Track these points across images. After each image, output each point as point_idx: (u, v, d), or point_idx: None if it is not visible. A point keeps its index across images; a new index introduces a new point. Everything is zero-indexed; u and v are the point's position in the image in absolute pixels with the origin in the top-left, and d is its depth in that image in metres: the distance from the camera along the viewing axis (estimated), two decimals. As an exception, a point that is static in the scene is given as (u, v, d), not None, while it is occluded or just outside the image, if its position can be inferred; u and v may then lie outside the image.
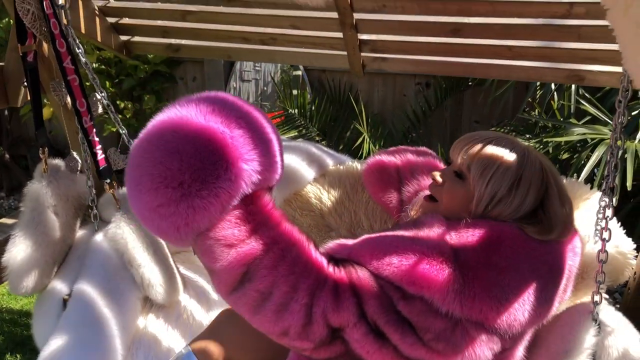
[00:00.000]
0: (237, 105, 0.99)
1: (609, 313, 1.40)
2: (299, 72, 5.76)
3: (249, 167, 0.94)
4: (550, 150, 2.61)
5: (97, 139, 1.72)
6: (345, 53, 2.03)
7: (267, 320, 1.02)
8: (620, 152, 1.52)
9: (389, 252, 1.07)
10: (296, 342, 1.04)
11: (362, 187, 1.95)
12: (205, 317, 1.88)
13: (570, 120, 2.75)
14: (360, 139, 3.28)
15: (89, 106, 1.68)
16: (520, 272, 1.07)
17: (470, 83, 3.45)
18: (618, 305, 1.60)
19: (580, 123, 2.70)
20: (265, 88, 5.58)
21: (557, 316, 1.48)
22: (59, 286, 1.73)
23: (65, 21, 1.64)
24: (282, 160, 1.03)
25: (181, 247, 1.00)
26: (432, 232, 1.12)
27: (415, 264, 1.04)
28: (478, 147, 1.17)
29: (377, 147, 3.26)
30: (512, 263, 1.06)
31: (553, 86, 2.94)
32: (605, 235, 1.31)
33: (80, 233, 1.84)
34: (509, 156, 1.15)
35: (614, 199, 1.56)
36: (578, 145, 2.67)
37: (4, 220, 2.20)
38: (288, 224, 1.04)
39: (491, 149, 1.16)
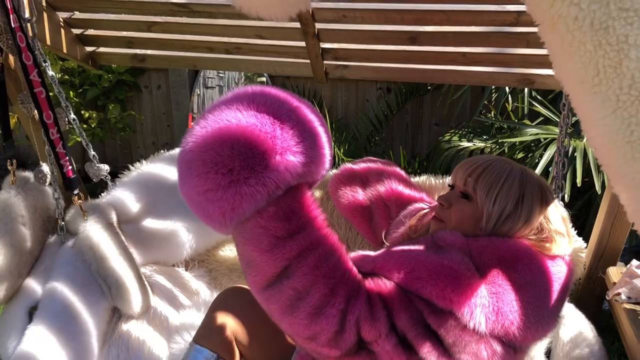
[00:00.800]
0: (286, 100, 1.04)
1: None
2: (264, 79, 5.82)
3: (296, 159, 0.98)
4: (506, 150, 2.72)
5: (64, 150, 1.75)
6: (308, 61, 2.10)
7: (300, 322, 1.02)
8: (570, 151, 1.63)
9: (417, 267, 1.12)
10: (324, 348, 1.06)
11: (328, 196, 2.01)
12: (176, 316, 1.91)
13: (525, 121, 2.88)
14: (326, 143, 3.34)
15: (56, 119, 1.71)
16: (536, 288, 1.12)
17: (429, 87, 3.56)
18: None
19: (534, 124, 2.83)
20: (228, 95, 5.59)
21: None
22: (24, 298, 1.72)
23: (31, 34, 1.66)
24: (330, 154, 1.07)
25: (223, 233, 1.01)
26: (454, 248, 1.16)
27: (445, 278, 1.08)
28: (480, 169, 1.24)
29: (342, 150, 3.33)
30: (529, 280, 1.12)
31: (507, 89, 3.06)
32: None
33: (46, 245, 1.86)
34: (510, 175, 1.22)
35: (565, 196, 1.66)
36: (532, 144, 2.79)
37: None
38: (330, 229, 1.06)
39: (493, 170, 1.23)
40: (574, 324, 1.47)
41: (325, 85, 3.79)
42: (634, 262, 1.59)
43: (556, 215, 1.25)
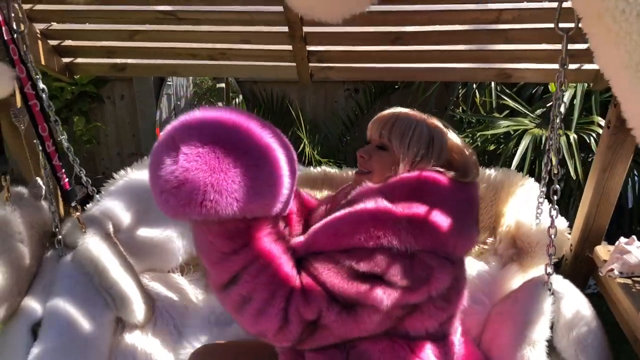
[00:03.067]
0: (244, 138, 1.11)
1: (558, 281, 1.58)
2: (222, 85, 5.79)
3: (233, 205, 1.06)
4: (479, 144, 2.83)
5: (59, 163, 1.72)
6: (294, 64, 2.13)
7: (247, 322, 1.18)
8: (552, 142, 1.72)
9: (339, 226, 1.23)
10: (275, 342, 1.21)
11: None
12: (179, 323, 1.91)
13: (494, 114, 3.00)
14: (301, 145, 3.38)
15: (51, 131, 1.68)
16: (448, 205, 1.26)
17: (396, 86, 3.65)
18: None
19: (502, 116, 2.95)
20: (178, 102, 5.56)
21: (516, 291, 1.66)
22: (26, 316, 1.69)
23: (24, 47, 1.63)
24: (285, 187, 1.13)
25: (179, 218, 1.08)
26: (366, 198, 1.27)
27: (366, 220, 1.21)
28: (391, 122, 1.39)
29: (315, 151, 3.38)
30: (439, 199, 1.26)
31: (475, 85, 3.18)
32: (554, 213, 1.49)
33: (44, 260, 1.82)
34: (418, 123, 1.39)
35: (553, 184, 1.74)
36: (501, 137, 2.91)
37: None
38: (273, 242, 1.17)
39: (402, 121, 1.39)
40: (572, 301, 1.55)
41: (293, 88, 3.83)
42: (622, 239, 1.70)
43: (458, 147, 1.41)
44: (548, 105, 2.82)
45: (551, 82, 2.68)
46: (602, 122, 2.56)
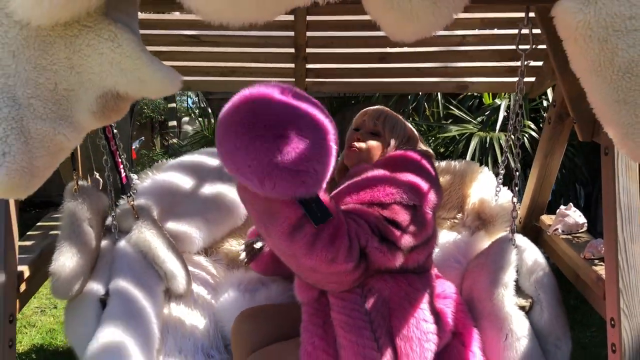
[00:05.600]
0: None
1: (520, 238, 2.09)
2: (174, 105, 6.09)
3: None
4: (432, 145, 3.38)
5: (120, 160, 2.06)
6: (293, 79, 2.56)
7: (323, 249, 1.41)
8: (488, 140, 2.26)
9: (359, 188, 1.67)
10: (342, 264, 1.47)
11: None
12: (213, 298, 2.26)
13: (442, 122, 3.57)
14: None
15: (114, 133, 2.02)
16: (427, 173, 1.75)
17: (352, 102, 4.16)
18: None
19: (449, 122, 3.52)
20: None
21: (487, 248, 2.15)
22: (94, 289, 1.99)
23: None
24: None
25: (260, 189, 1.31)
26: (370, 170, 1.74)
27: (382, 181, 1.66)
28: (383, 115, 1.89)
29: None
30: (420, 168, 1.75)
31: (424, 97, 3.75)
32: (515, 191, 2.01)
33: (102, 243, 2.13)
34: (399, 117, 1.92)
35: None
36: (448, 141, 3.47)
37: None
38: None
39: (390, 115, 1.91)
40: (531, 252, 2.07)
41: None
42: (562, 207, 2.25)
43: (415, 134, 1.95)
44: (487, 113, 3.42)
45: (496, 92, 3.27)
46: (532, 125, 3.18)
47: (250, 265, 2.15)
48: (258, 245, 2.08)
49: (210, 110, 4.51)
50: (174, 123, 5.48)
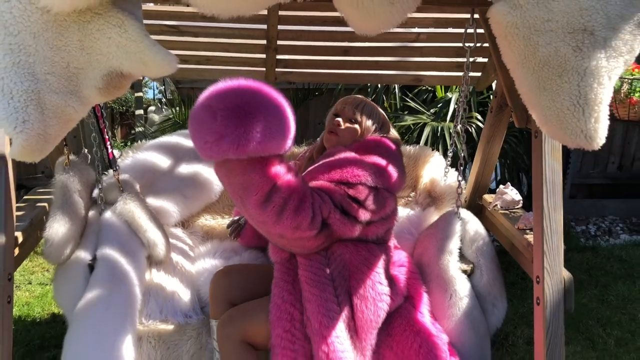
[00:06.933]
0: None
1: (464, 212, 2.38)
2: (140, 94, 6.22)
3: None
4: (390, 136, 3.66)
5: (107, 137, 2.25)
6: (263, 69, 2.79)
7: (289, 217, 1.70)
8: (439, 130, 2.55)
9: (330, 167, 1.94)
10: (306, 231, 1.76)
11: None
12: (191, 267, 2.48)
13: (399, 113, 3.86)
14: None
15: (102, 112, 2.21)
16: (395, 158, 2.04)
17: (317, 93, 4.42)
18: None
19: (405, 113, 3.82)
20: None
21: (436, 221, 2.43)
22: (82, 255, 2.16)
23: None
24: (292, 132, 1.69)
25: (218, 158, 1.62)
26: (343, 152, 2.01)
27: (351, 163, 1.93)
28: (362, 104, 2.12)
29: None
30: (390, 154, 2.04)
31: (383, 90, 4.03)
32: (460, 171, 2.29)
33: (90, 214, 2.31)
34: (375, 107, 2.16)
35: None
36: (404, 130, 3.76)
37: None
38: (288, 169, 1.77)
39: (367, 104, 2.13)
40: (473, 224, 2.36)
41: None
42: (502, 186, 2.56)
43: (388, 119, 2.21)
44: (439, 105, 3.73)
45: (449, 85, 3.57)
46: (479, 117, 3.50)
47: (238, 240, 2.46)
48: (242, 221, 2.41)
49: (179, 98, 4.67)
50: (141, 112, 5.61)
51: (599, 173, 4.75)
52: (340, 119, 2.11)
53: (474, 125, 3.53)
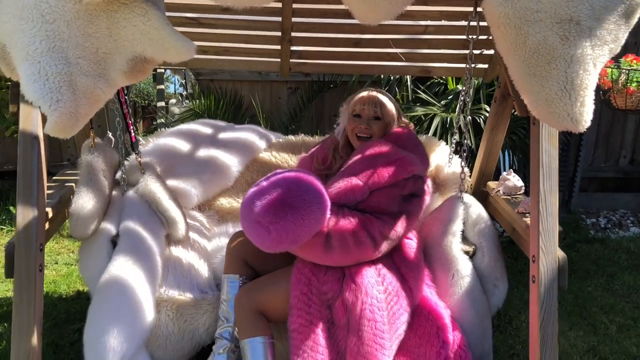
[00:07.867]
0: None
1: (467, 196, 2.49)
2: (162, 87, 6.40)
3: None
4: (401, 126, 3.78)
5: (130, 121, 2.40)
6: (278, 60, 2.93)
7: (354, 254, 1.98)
8: (449, 120, 2.66)
9: (368, 167, 2.10)
10: (370, 256, 2.03)
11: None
12: (207, 244, 2.62)
13: (410, 104, 3.97)
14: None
15: (126, 98, 2.37)
16: (421, 145, 2.27)
17: (331, 85, 4.55)
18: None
19: (417, 105, 3.93)
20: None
21: (440, 205, 2.55)
22: (107, 230, 2.33)
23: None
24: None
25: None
26: (382, 145, 2.18)
27: (386, 167, 2.09)
28: (380, 101, 2.26)
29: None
30: (417, 142, 2.27)
31: (396, 83, 4.15)
32: (464, 157, 2.40)
33: (113, 194, 2.48)
34: (393, 100, 2.32)
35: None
36: (414, 121, 3.87)
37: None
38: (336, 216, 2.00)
39: (386, 98, 2.28)
40: (476, 208, 2.47)
41: (244, 85, 4.60)
42: (504, 172, 2.66)
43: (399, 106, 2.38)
44: (449, 97, 3.84)
45: (456, 77, 3.67)
46: (488, 109, 3.59)
47: None
48: None
49: (200, 91, 4.82)
50: (162, 104, 5.79)
51: (610, 167, 4.80)
52: (362, 126, 2.25)
53: (482, 117, 3.62)
